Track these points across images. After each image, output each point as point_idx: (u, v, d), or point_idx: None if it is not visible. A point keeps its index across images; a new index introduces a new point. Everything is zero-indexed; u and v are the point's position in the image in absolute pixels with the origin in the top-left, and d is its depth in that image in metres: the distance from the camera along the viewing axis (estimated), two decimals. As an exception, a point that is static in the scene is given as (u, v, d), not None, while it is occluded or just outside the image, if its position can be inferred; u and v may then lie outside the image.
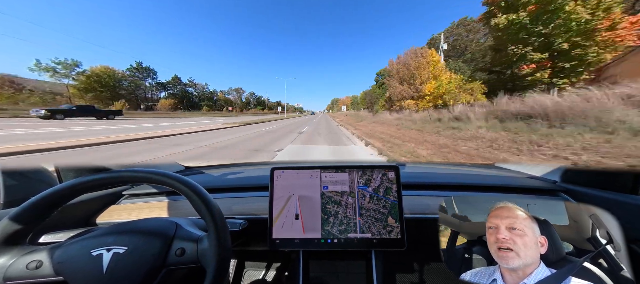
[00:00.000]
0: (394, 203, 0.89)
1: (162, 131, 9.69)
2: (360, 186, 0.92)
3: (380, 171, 0.92)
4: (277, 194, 0.93)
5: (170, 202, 1.17)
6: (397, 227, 0.87)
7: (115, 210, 1.18)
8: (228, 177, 1.45)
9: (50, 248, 0.64)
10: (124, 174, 0.68)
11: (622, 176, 0.89)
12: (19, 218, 0.61)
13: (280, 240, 0.88)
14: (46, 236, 0.88)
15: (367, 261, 0.90)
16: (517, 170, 1.40)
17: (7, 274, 0.59)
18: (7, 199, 0.94)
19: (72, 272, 0.60)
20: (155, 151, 5.78)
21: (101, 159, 4.93)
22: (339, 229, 0.88)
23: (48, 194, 0.64)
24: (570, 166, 1.38)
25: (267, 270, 1.38)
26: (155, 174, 0.66)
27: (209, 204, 0.65)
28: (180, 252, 0.65)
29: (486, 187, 1.13)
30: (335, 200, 0.91)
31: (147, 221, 0.73)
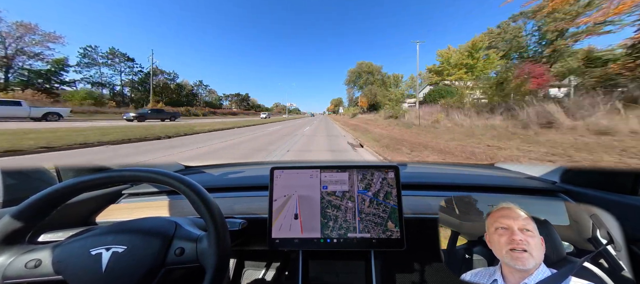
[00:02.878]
0: (394, 207, 0.88)
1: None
2: (360, 190, 0.91)
3: (381, 174, 0.92)
4: (276, 194, 0.93)
5: (170, 202, 1.17)
6: (396, 232, 0.86)
7: (115, 209, 1.18)
8: (228, 177, 1.45)
9: (49, 246, 0.64)
10: (123, 174, 0.68)
11: (621, 177, 0.89)
12: (18, 217, 0.61)
13: (280, 240, 0.88)
14: (45, 235, 0.88)
15: (366, 261, 0.90)
16: (516, 170, 1.40)
17: (6, 273, 0.59)
18: (7, 198, 0.94)
19: (71, 271, 0.60)
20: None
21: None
22: (338, 232, 0.88)
23: (47, 193, 0.63)
24: (570, 167, 1.38)
25: (266, 270, 1.38)
26: (155, 174, 0.66)
27: (209, 203, 0.65)
28: (180, 251, 0.65)
29: (486, 187, 1.13)
30: (335, 204, 0.90)
31: (146, 221, 0.73)
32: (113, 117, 21.57)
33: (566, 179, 1.10)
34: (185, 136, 9.74)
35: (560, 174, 1.13)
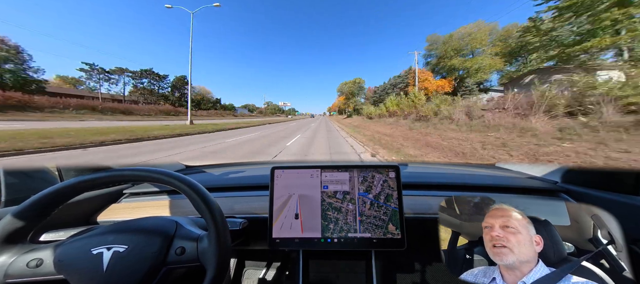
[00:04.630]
0: (395, 210, 0.88)
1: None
2: (361, 192, 0.91)
3: (381, 176, 0.92)
4: (277, 194, 0.93)
5: (171, 201, 1.18)
6: (397, 234, 0.86)
7: (116, 209, 1.18)
8: (228, 177, 1.45)
9: (51, 246, 0.64)
10: (124, 173, 0.68)
11: (622, 176, 0.88)
12: (20, 216, 0.61)
13: (280, 239, 0.88)
14: (47, 234, 0.88)
15: (367, 261, 0.90)
16: (517, 170, 1.40)
17: (8, 272, 0.59)
18: (8, 198, 0.95)
19: (73, 270, 0.60)
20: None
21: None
22: (338, 232, 0.88)
23: (49, 192, 0.64)
24: (571, 167, 1.37)
25: (267, 269, 1.38)
26: (156, 173, 0.66)
27: (209, 203, 0.65)
28: (181, 251, 0.65)
29: (487, 187, 1.13)
30: (335, 207, 0.90)
31: (147, 220, 0.73)
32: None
33: (567, 179, 1.09)
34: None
35: (561, 174, 1.13)
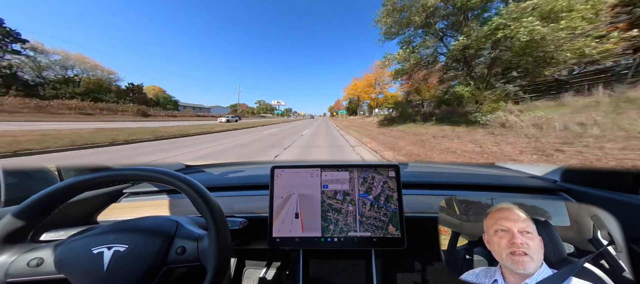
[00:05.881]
0: (395, 211, 0.88)
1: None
2: (361, 193, 0.91)
3: (381, 177, 0.91)
4: (277, 193, 0.93)
5: (171, 201, 1.18)
6: (397, 235, 0.86)
7: (116, 208, 1.18)
8: (228, 176, 1.45)
9: (51, 245, 0.64)
10: (124, 172, 0.68)
11: (622, 176, 0.88)
12: (20, 216, 0.61)
13: (280, 239, 0.88)
14: (47, 233, 0.88)
15: (367, 260, 0.90)
16: (517, 169, 1.40)
17: (8, 271, 0.59)
18: (8, 197, 0.95)
19: (73, 270, 0.60)
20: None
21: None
22: (338, 232, 0.88)
23: (49, 192, 0.64)
24: (571, 166, 1.38)
25: (267, 269, 1.38)
26: (156, 172, 0.66)
27: (209, 202, 0.65)
28: (181, 250, 0.65)
29: (487, 186, 1.13)
30: (335, 207, 0.90)
31: (147, 220, 0.73)
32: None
33: (567, 178, 1.09)
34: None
35: (561, 173, 1.13)
